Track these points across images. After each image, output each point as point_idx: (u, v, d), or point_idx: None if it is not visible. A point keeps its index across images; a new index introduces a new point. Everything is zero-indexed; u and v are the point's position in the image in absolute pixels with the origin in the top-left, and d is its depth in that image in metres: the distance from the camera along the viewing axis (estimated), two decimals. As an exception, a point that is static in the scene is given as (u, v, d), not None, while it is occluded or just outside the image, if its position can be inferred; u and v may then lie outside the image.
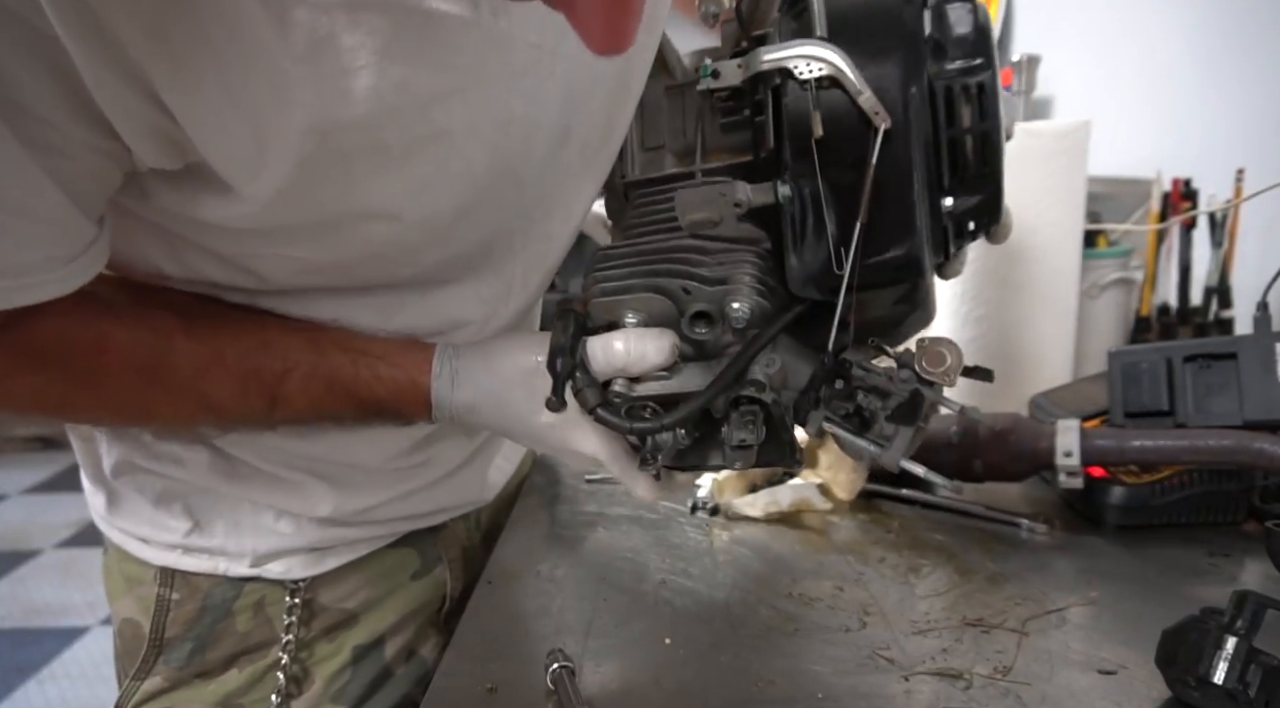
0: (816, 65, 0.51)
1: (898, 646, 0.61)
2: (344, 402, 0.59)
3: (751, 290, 0.52)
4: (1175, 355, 0.79)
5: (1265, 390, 0.75)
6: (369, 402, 0.59)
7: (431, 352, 0.60)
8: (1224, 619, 0.52)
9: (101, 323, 0.56)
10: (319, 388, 0.59)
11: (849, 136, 0.50)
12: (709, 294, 0.52)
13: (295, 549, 0.72)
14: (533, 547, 0.79)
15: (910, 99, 0.50)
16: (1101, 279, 1.17)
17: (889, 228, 0.51)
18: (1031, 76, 1.12)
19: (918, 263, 0.51)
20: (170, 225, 0.56)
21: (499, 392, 0.59)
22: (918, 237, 0.51)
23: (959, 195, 0.53)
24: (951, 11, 0.54)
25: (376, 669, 0.77)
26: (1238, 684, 0.50)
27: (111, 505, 0.73)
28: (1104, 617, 0.64)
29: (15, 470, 4.16)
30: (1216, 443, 0.73)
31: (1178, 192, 1.21)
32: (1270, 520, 0.69)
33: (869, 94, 0.50)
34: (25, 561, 3.28)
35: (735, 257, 0.54)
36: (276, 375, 0.58)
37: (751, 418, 0.53)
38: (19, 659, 2.65)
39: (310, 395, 0.59)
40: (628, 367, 0.53)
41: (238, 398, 0.58)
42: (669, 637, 0.62)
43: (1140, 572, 0.72)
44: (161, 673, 0.72)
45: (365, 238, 0.57)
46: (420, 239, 0.60)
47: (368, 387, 0.59)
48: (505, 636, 0.64)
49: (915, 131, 0.50)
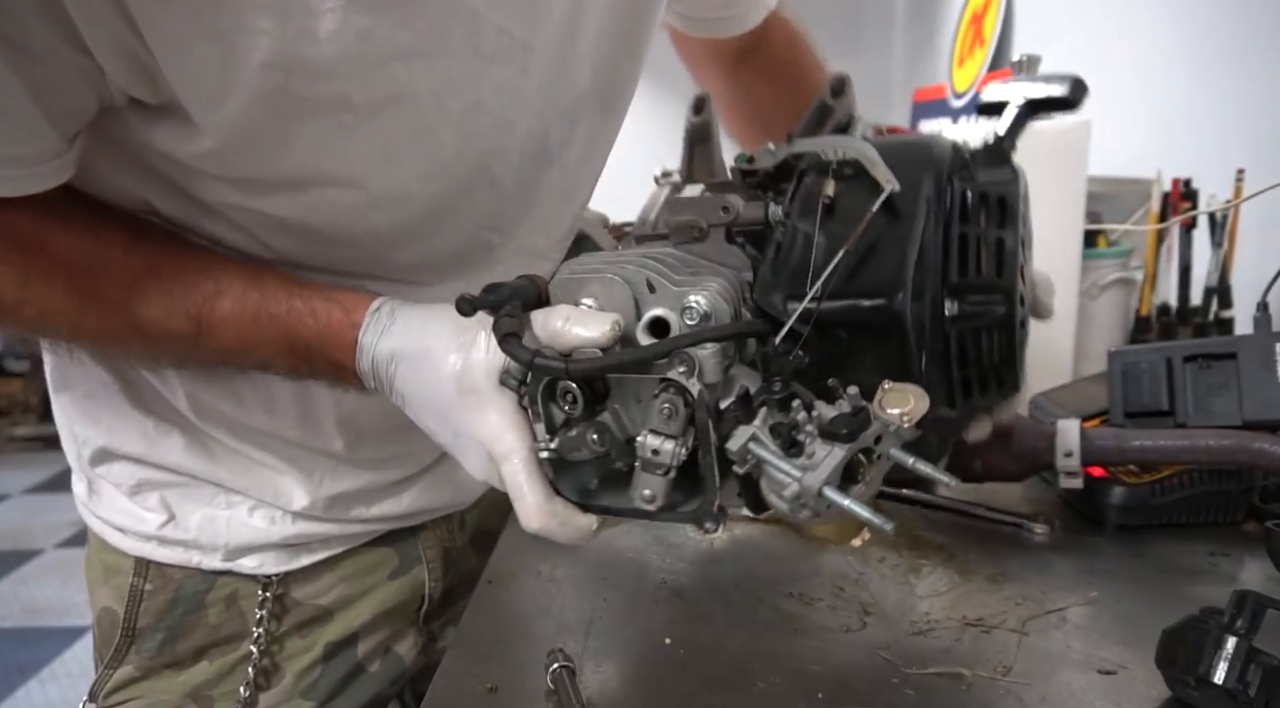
0: (841, 150, 0.54)
1: (898, 646, 0.61)
2: (271, 335, 0.56)
3: (715, 294, 0.50)
4: (1175, 355, 0.79)
5: (1265, 390, 0.75)
6: (297, 341, 0.56)
7: (376, 298, 0.57)
8: (1224, 619, 0.52)
9: (47, 224, 0.56)
10: (246, 317, 0.56)
11: (855, 196, 0.52)
12: (673, 294, 0.51)
13: (269, 545, 0.72)
14: (533, 547, 0.79)
15: (924, 181, 0.52)
16: (1101, 279, 1.17)
17: (875, 271, 0.51)
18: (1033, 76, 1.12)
19: (892, 316, 0.50)
20: (158, 166, 0.56)
21: (423, 345, 0.53)
22: (902, 293, 0.50)
23: (965, 298, 0.52)
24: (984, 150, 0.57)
25: (348, 666, 0.77)
26: (1238, 684, 0.50)
27: (91, 495, 0.74)
28: (1104, 617, 0.64)
29: (15, 470, 4.16)
30: (1216, 443, 0.73)
31: (1178, 191, 1.21)
32: (1270, 520, 0.69)
33: (883, 167, 0.52)
34: (26, 560, 3.28)
35: (710, 271, 0.54)
36: (206, 297, 0.56)
37: (671, 412, 0.48)
38: (19, 659, 2.65)
39: (238, 326, 0.56)
40: (561, 334, 0.49)
41: (163, 317, 0.56)
42: (669, 637, 0.62)
43: (1140, 572, 0.72)
44: (133, 662, 0.73)
45: (330, 203, 0.57)
46: (388, 223, 0.59)
47: (299, 319, 0.56)
48: (505, 636, 0.64)
49: (922, 204, 0.52)
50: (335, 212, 0.59)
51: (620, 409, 0.52)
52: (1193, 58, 1.34)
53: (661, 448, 0.48)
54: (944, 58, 2.33)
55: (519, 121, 0.61)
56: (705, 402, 0.48)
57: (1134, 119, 1.47)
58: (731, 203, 0.56)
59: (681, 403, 0.48)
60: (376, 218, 0.59)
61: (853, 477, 0.48)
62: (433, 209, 0.61)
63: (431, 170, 0.59)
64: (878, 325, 0.50)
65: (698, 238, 0.57)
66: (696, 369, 0.48)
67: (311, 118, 0.52)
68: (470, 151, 0.59)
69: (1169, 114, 1.40)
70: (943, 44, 2.37)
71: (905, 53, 2.72)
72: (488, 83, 0.57)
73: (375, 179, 0.57)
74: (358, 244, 0.60)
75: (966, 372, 0.54)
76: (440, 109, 0.56)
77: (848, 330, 0.51)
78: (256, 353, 0.57)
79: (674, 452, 0.48)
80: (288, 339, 0.56)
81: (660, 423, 0.48)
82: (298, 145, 0.54)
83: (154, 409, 0.69)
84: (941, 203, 0.53)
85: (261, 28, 0.48)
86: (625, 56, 0.68)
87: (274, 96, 0.50)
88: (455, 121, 0.57)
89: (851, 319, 0.51)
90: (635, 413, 0.51)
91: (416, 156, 0.57)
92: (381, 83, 0.53)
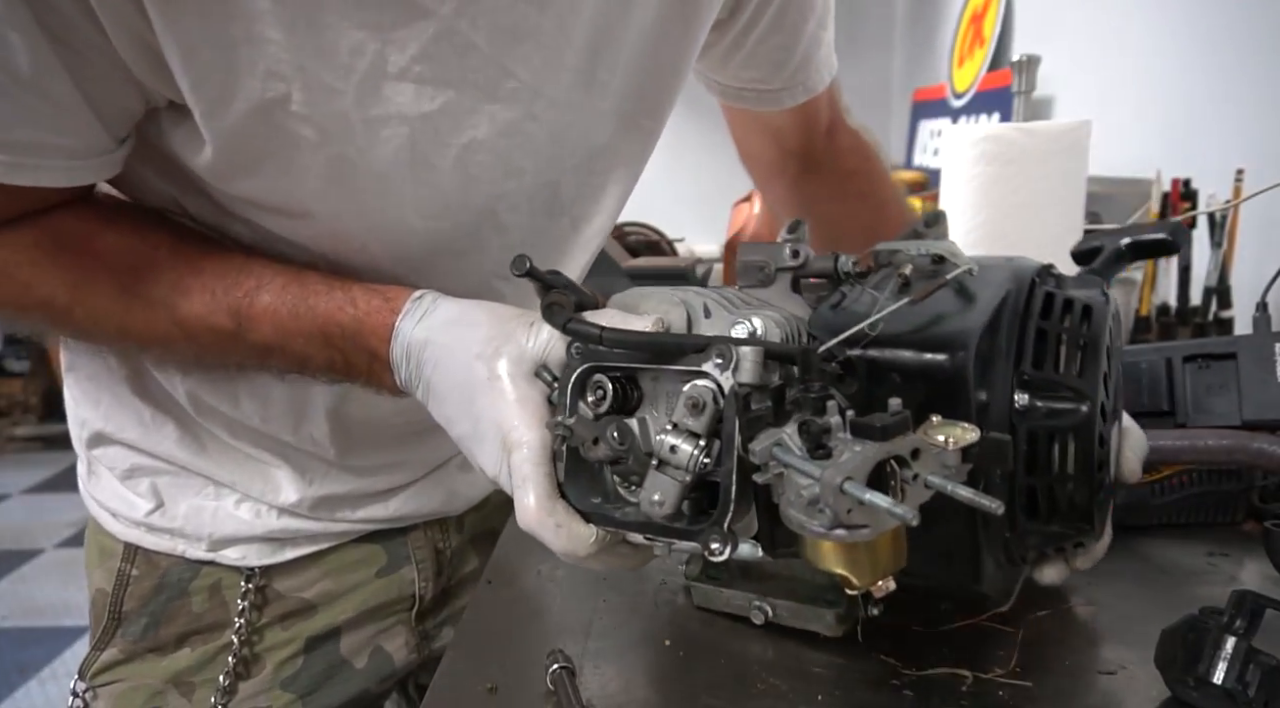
0: (928, 247, 0.53)
1: (898, 646, 0.61)
2: (309, 326, 0.56)
3: (769, 319, 0.49)
4: (1175, 355, 0.79)
5: (1264, 390, 0.75)
6: (333, 329, 0.56)
7: (419, 289, 0.57)
8: (1223, 619, 0.52)
9: (95, 224, 0.57)
10: (285, 310, 0.56)
11: (933, 279, 0.52)
12: (726, 319, 0.50)
13: (253, 537, 0.73)
14: (533, 547, 0.78)
15: (1005, 277, 0.52)
16: (1101, 279, 1.17)
17: (941, 330, 0.49)
18: (1032, 77, 1.12)
19: (953, 371, 0.47)
20: (183, 170, 0.57)
21: (460, 330, 0.53)
22: (964, 351, 0.48)
23: (1038, 392, 0.50)
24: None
25: (330, 660, 0.77)
26: (1237, 684, 0.50)
27: (90, 476, 0.75)
28: (1103, 617, 0.64)
29: (15, 470, 4.16)
30: (1215, 443, 0.73)
31: (1177, 192, 1.21)
32: (1269, 520, 0.69)
33: (966, 258, 0.52)
34: (26, 560, 3.28)
35: (768, 307, 0.53)
36: (247, 292, 0.57)
37: (697, 404, 0.45)
38: (19, 659, 2.65)
39: (276, 318, 0.56)
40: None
41: (205, 313, 0.57)
42: (669, 637, 0.62)
43: (1140, 572, 0.72)
44: (119, 645, 0.74)
45: (329, 229, 0.58)
46: (389, 256, 0.60)
47: (338, 307, 0.56)
48: (505, 636, 0.64)
49: (1000, 289, 0.51)
50: (335, 240, 0.59)
51: (649, 421, 0.50)
52: (1192, 58, 1.34)
53: (680, 447, 0.46)
54: (944, 57, 2.33)
55: (528, 168, 0.61)
56: (736, 397, 0.45)
57: (1134, 119, 1.47)
58: (803, 250, 0.55)
59: (710, 396, 0.46)
60: (376, 249, 0.60)
61: (882, 487, 0.43)
62: (436, 249, 0.61)
63: (432, 207, 0.59)
64: (938, 379, 0.48)
65: (763, 282, 0.56)
66: (733, 364, 0.46)
67: (311, 141, 0.53)
68: (476, 193, 0.60)
69: (1168, 114, 1.40)
70: (942, 44, 2.36)
71: (905, 52, 2.72)
72: (489, 121, 0.57)
73: (372, 207, 0.57)
74: (361, 275, 0.60)
75: (1034, 478, 0.51)
76: (436, 140, 0.56)
77: (901, 376, 0.49)
78: (294, 346, 0.57)
79: (693, 455, 0.46)
80: (324, 330, 0.56)
81: (684, 415, 0.46)
82: (294, 168, 0.54)
83: (153, 397, 0.70)
84: (1020, 296, 0.51)
85: (269, 37, 0.49)
86: (647, 116, 0.68)
87: (276, 110, 0.51)
88: (454, 156, 0.57)
89: (909, 368, 0.48)
90: (664, 425, 0.48)
91: (415, 189, 0.58)
92: (374, 103, 0.53)
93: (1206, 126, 1.31)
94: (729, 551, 0.46)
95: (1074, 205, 1.07)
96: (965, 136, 1.09)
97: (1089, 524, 0.54)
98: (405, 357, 0.54)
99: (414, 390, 0.55)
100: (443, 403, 0.53)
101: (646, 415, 0.51)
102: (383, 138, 0.54)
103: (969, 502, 0.40)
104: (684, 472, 0.46)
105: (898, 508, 0.40)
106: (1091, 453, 0.51)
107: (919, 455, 0.43)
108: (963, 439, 0.42)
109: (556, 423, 0.48)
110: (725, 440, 0.45)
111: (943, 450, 0.42)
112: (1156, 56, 1.43)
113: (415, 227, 0.59)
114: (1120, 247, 0.64)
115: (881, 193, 0.94)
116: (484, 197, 0.60)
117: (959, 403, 0.47)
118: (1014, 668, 0.57)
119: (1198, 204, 1.21)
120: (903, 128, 2.67)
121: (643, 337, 0.48)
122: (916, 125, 2.55)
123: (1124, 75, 1.52)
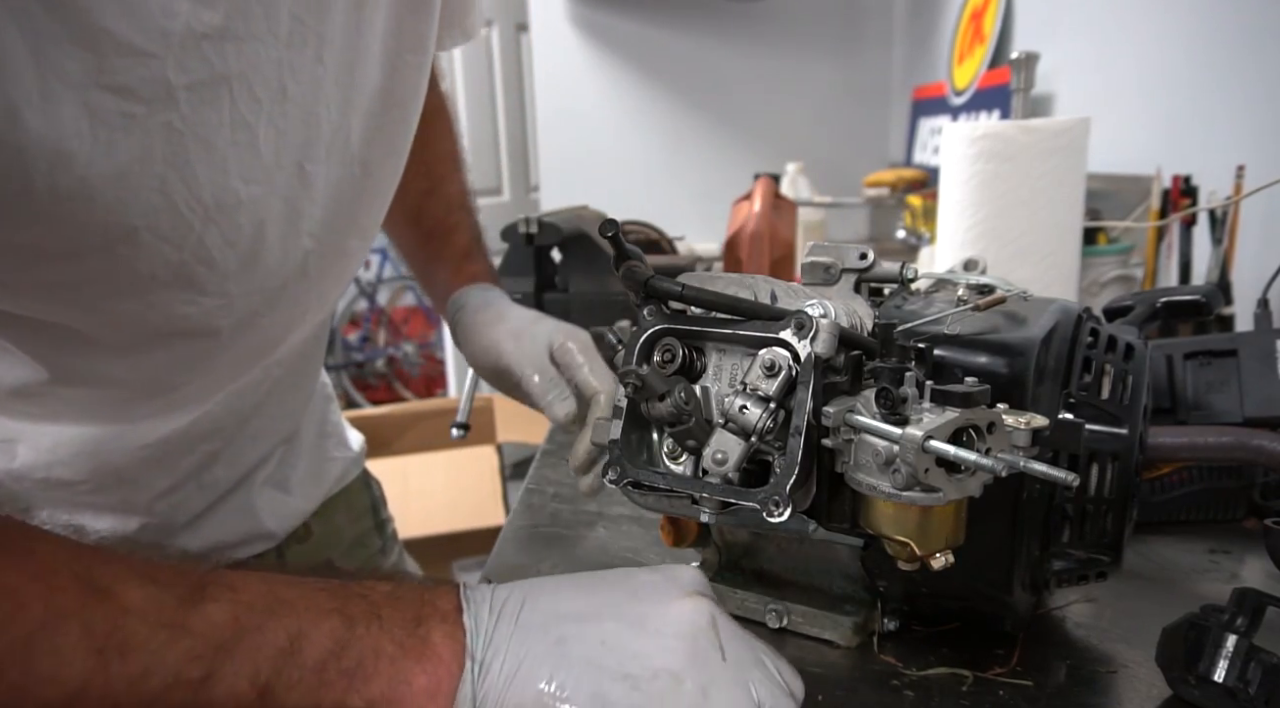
0: (981, 279, 0.59)
1: (898, 646, 0.61)
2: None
3: (835, 305, 0.52)
4: (1175, 352, 0.79)
5: (1265, 387, 0.75)
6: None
7: None
8: (1224, 617, 0.52)
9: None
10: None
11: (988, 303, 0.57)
12: (796, 302, 0.53)
13: None
14: (533, 547, 0.79)
15: (1054, 306, 0.56)
16: (1101, 276, 1.17)
17: (1002, 337, 0.54)
18: (1031, 74, 1.11)
19: (1015, 373, 0.52)
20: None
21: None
22: (1025, 358, 0.53)
23: (1081, 412, 0.54)
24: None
25: None
26: (1238, 682, 0.50)
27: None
28: (1104, 616, 0.64)
29: (17, 472, 4.15)
30: (1216, 440, 0.72)
31: (1178, 188, 1.20)
32: (1270, 518, 0.69)
33: (1019, 289, 0.58)
34: (27, 562, 3.28)
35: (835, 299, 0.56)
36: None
37: (772, 367, 0.47)
38: (21, 660, 2.65)
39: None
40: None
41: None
42: (668, 637, 0.62)
43: (1140, 570, 0.72)
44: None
45: (158, 221, 0.52)
46: (220, 241, 0.56)
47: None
48: (505, 636, 0.64)
49: (1051, 315, 0.55)
50: (167, 226, 0.53)
51: (713, 391, 0.52)
52: (1193, 55, 1.34)
53: (750, 408, 0.47)
54: (943, 55, 2.32)
55: (324, 117, 0.59)
56: (816, 361, 0.47)
57: (1134, 116, 1.46)
58: (870, 252, 0.57)
59: (787, 360, 0.47)
60: (210, 236, 0.55)
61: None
62: (261, 220, 0.58)
63: (254, 172, 0.56)
64: (1000, 381, 0.51)
65: (828, 281, 0.58)
66: (812, 334, 0.47)
67: (136, 117, 0.48)
68: (286, 149, 0.57)
69: (1169, 111, 1.39)
70: (942, 41, 2.36)
71: (904, 50, 2.72)
72: (288, 69, 0.55)
73: (204, 181, 0.53)
74: (187, 283, 0.55)
75: (1071, 497, 0.54)
76: (252, 98, 0.53)
77: (964, 374, 0.52)
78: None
79: (761, 416, 0.47)
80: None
81: (758, 377, 0.47)
82: (120, 152, 0.48)
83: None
84: (1069, 326, 0.55)
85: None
86: (410, 52, 0.66)
87: (89, 83, 0.45)
88: (267, 113, 0.55)
89: (972, 368, 0.52)
90: (726, 396, 0.50)
91: (239, 153, 0.54)
92: (195, 66, 0.49)
93: (1207, 123, 1.30)
94: (788, 513, 0.47)
95: (1074, 202, 1.07)
96: (964, 134, 1.08)
97: (1117, 554, 0.57)
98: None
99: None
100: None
101: (710, 385, 0.52)
102: (206, 105, 0.51)
103: (1042, 476, 0.42)
104: (750, 433, 0.48)
105: (986, 460, 0.41)
106: (1130, 480, 0.54)
107: (994, 430, 0.45)
108: (1035, 421, 0.45)
109: (629, 371, 0.48)
110: (797, 404, 0.47)
111: (1016, 430, 0.45)
112: (1156, 53, 1.42)
113: (241, 196, 0.55)
114: (1156, 305, 0.68)
115: (440, 147, 0.94)
116: (292, 150, 0.58)
117: (1015, 406, 0.50)
118: (1014, 668, 0.57)
119: (1198, 201, 1.20)
120: (902, 125, 2.67)
121: (725, 297, 0.49)
122: (916, 123, 2.54)
123: (1124, 72, 1.52)
